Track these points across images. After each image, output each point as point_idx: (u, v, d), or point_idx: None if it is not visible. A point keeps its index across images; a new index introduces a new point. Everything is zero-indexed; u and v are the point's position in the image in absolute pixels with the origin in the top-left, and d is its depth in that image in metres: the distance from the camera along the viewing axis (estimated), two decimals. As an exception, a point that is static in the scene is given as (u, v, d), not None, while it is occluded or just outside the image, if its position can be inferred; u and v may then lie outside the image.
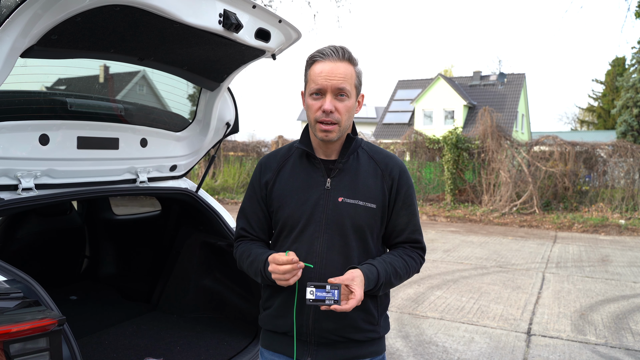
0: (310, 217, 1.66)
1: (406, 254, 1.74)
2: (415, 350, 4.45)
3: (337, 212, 1.66)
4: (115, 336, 3.15)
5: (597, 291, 6.69)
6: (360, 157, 1.74)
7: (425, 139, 16.57)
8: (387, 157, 1.77)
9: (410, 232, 1.76)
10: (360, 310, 1.66)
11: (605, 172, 14.53)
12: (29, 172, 2.33)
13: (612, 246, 10.37)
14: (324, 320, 1.65)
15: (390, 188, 1.71)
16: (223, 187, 18.88)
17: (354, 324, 1.67)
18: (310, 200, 1.67)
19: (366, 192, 1.68)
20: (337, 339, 1.67)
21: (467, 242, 10.38)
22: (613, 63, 42.40)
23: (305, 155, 1.75)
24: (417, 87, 36.53)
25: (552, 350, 4.54)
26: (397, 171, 1.74)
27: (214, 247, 3.28)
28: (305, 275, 1.60)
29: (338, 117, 1.62)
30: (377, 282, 1.61)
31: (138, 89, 3.10)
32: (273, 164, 1.79)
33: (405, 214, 1.74)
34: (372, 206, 1.68)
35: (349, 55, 1.65)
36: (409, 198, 1.75)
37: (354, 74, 1.65)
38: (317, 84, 1.62)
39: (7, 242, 3.54)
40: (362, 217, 1.66)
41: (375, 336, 1.73)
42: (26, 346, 1.57)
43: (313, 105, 1.65)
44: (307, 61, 1.69)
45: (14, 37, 1.73)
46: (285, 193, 1.71)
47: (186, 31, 2.11)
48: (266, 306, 1.78)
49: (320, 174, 1.70)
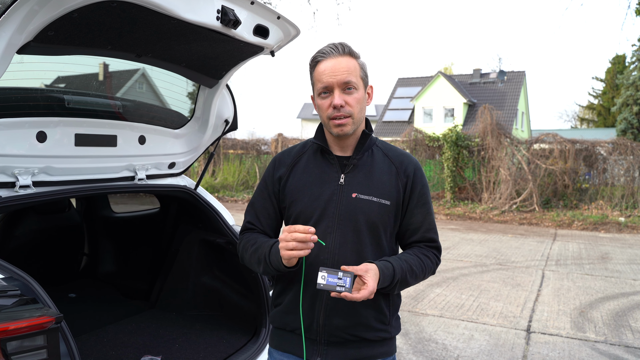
0: (323, 212, 1.65)
1: (422, 253, 1.72)
2: (415, 348, 4.45)
3: (351, 207, 1.64)
4: (113, 334, 3.14)
5: (596, 289, 6.69)
6: (375, 154, 1.73)
7: (425, 136, 16.56)
8: (402, 155, 1.77)
9: (425, 231, 1.73)
10: (372, 308, 1.64)
11: (605, 169, 14.52)
12: (26, 170, 2.32)
13: (612, 244, 10.37)
14: (335, 317, 1.63)
15: (404, 186, 1.70)
16: (223, 185, 18.87)
17: (366, 322, 1.65)
18: (324, 195, 1.66)
19: (380, 188, 1.67)
20: (347, 338, 1.65)
21: (467, 240, 10.38)
22: (613, 61, 42.35)
23: (320, 151, 1.74)
24: (417, 85, 36.52)
25: (552, 348, 4.54)
26: (412, 169, 1.73)
27: (213, 245, 3.27)
28: (315, 267, 1.57)
29: (349, 109, 1.62)
30: (392, 279, 1.58)
31: (136, 86, 3.09)
32: (287, 160, 1.78)
33: (420, 212, 1.72)
34: (387, 203, 1.66)
35: (349, 49, 1.65)
36: (424, 196, 1.73)
37: (357, 67, 1.65)
38: (323, 82, 1.62)
39: (6, 239, 3.53)
40: (375, 213, 1.65)
41: (386, 336, 1.70)
42: (23, 344, 1.57)
43: (323, 104, 1.64)
44: (310, 64, 1.69)
45: (10, 34, 1.72)
46: (299, 188, 1.71)
47: (184, 27, 2.10)
48: (277, 303, 1.76)
49: (335, 170, 1.69)
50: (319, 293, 1.63)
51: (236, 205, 15.86)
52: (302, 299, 1.63)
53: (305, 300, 1.65)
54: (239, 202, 16.82)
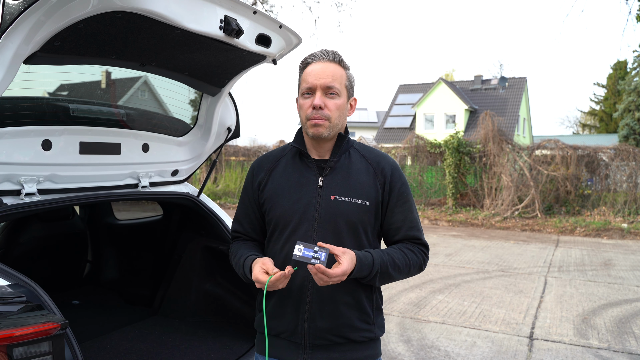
0: (302, 216, 1.67)
1: (407, 247, 1.74)
2: (417, 355, 4.44)
3: (330, 210, 1.66)
4: (117, 340, 3.15)
5: (599, 295, 6.67)
6: (352, 156, 1.76)
7: (426, 143, 16.58)
8: (379, 155, 1.79)
9: (407, 229, 1.75)
10: (355, 309, 1.67)
11: (608, 175, 14.50)
12: (31, 178, 2.34)
13: (615, 250, 10.34)
14: (319, 320, 1.65)
15: (382, 185, 1.72)
16: (225, 191, 18.90)
17: (350, 323, 1.67)
18: (303, 199, 1.68)
19: (359, 189, 1.69)
20: (333, 340, 1.67)
21: (469, 246, 10.36)
22: (615, 66, 42.44)
23: (298, 155, 1.77)
24: (418, 92, 36.60)
25: (555, 355, 4.53)
26: (389, 169, 1.75)
27: (216, 252, 3.29)
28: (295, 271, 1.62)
29: (328, 113, 1.65)
30: (371, 268, 1.60)
31: (140, 94, 3.12)
32: (266, 165, 1.81)
33: (401, 211, 1.74)
34: (365, 203, 1.68)
35: (340, 58, 1.69)
36: (403, 195, 1.75)
37: (344, 75, 1.69)
38: (308, 82, 1.66)
39: (10, 246, 3.56)
40: (355, 214, 1.67)
41: (371, 336, 1.72)
42: (29, 350, 1.58)
43: (304, 104, 1.68)
44: (300, 66, 1.73)
45: (17, 44, 1.74)
46: (278, 192, 1.73)
47: (187, 37, 2.13)
48: (261, 307, 1.78)
49: (313, 173, 1.72)
50: (303, 297, 1.65)
51: (238, 212, 15.86)
52: (264, 301, 1.66)
53: (289, 304, 1.68)
54: (241, 209, 16.81)
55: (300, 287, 1.64)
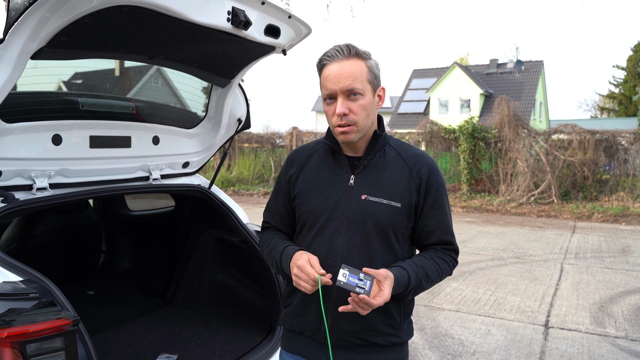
0: (331, 214, 1.62)
1: (438, 256, 1.67)
2: (431, 343, 4.43)
3: (360, 210, 1.61)
4: (131, 331, 3.19)
5: (617, 282, 6.58)
6: (387, 154, 1.68)
7: (440, 128, 16.42)
8: (416, 154, 1.70)
9: (441, 234, 1.68)
10: (380, 313, 1.60)
11: (627, 160, 14.23)
12: (42, 172, 2.35)
13: (633, 236, 10.18)
14: (343, 321, 1.61)
15: (418, 187, 1.64)
16: (238, 178, 18.99)
17: (374, 327, 1.62)
18: (333, 196, 1.64)
19: (391, 190, 1.62)
20: (356, 342, 1.63)
21: (484, 233, 10.29)
22: (635, 48, 41.35)
23: (330, 151, 1.71)
24: (432, 76, 36.16)
25: (571, 343, 4.49)
26: (426, 169, 1.67)
27: (228, 243, 3.30)
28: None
29: (354, 118, 1.57)
30: (407, 286, 1.55)
31: (149, 87, 3.11)
32: (299, 159, 1.77)
33: (436, 215, 1.67)
34: (397, 205, 1.61)
35: (356, 50, 1.59)
36: (440, 198, 1.67)
37: (364, 70, 1.58)
38: (327, 89, 1.58)
39: (26, 239, 3.61)
40: (385, 215, 1.60)
41: (397, 341, 1.67)
42: (42, 346, 1.60)
43: (328, 111, 1.62)
44: (317, 67, 1.64)
45: (23, 41, 1.74)
46: (308, 188, 1.69)
47: (195, 29, 2.10)
48: (287, 303, 1.76)
49: (345, 171, 1.66)
50: (328, 296, 1.60)
51: (252, 199, 15.95)
52: (322, 305, 1.58)
53: (313, 302, 1.63)
54: (254, 195, 16.90)
55: (325, 285, 1.59)
